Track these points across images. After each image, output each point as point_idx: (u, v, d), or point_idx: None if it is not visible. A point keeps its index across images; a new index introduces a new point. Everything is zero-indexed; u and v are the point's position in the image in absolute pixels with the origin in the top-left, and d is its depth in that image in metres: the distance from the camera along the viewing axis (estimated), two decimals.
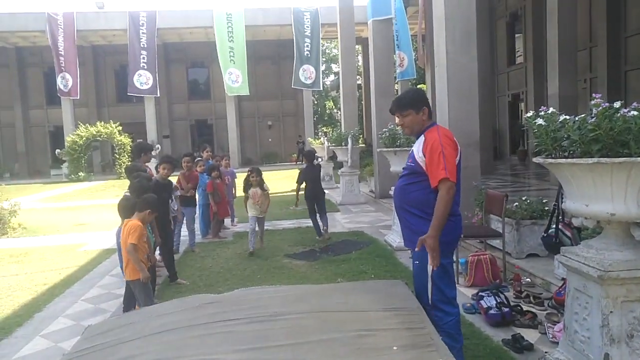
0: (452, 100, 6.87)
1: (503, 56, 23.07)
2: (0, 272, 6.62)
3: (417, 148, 3.03)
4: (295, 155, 31.40)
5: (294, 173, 11.49)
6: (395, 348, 2.37)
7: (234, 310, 2.91)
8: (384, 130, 7.43)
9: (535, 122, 2.88)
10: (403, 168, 3.19)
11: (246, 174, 7.18)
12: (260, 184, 7.04)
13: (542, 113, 2.89)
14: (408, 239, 3.11)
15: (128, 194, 5.35)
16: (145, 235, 4.16)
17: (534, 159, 3.03)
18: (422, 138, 3.04)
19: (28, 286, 5.91)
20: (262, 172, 7.28)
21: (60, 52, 24.59)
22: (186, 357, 2.55)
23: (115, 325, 3.09)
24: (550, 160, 2.81)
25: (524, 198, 5.87)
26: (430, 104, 3.21)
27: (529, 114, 3.01)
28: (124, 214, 4.45)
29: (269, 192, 7.36)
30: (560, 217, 4.37)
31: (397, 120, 3.19)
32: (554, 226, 4.37)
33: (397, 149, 6.93)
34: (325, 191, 8.75)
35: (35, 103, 30.98)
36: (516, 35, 22.43)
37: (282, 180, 17.82)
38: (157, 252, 5.80)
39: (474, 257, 5.13)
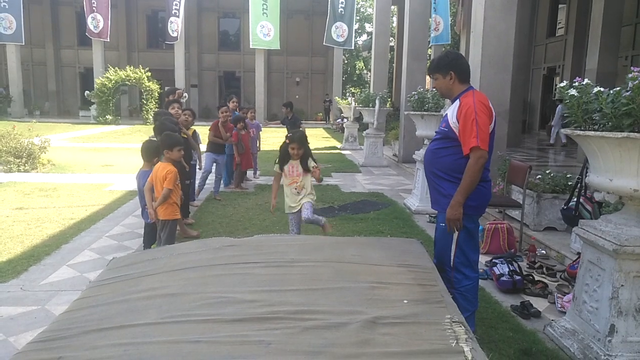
0: (485, 68, 6.73)
1: (543, 27, 22.24)
2: (31, 205, 6.89)
3: (452, 113, 3.00)
4: (321, 114, 31.24)
5: (319, 132, 11.54)
6: (405, 301, 2.44)
7: (252, 254, 3.01)
8: (412, 93, 7.35)
9: (568, 93, 2.84)
10: (435, 132, 3.19)
11: (283, 141, 4.71)
12: (304, 159, 4.61)
13: (577, 84, 2.84)
14: (435, 201, 3.14)
15: (153, 137, 5.48)
16: (178, 178, 4.29)
17: (562, 130, 3.00)
18: (457, 103, 3.00)
19: (56, 219, 6.16)
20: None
21: None
22: (205, 293, 2.67)
23: (139, 259, 3.23)
24: (578, 132, 2.78)
25: (547, 171, 5.82)
26: None
27: (562, 84, 2.96)
28: (146, 156, 4.58)
29: (319, 170, 4.72)
30: (582, 191, 4.33)
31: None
32: (575, 199, 4.35)
33: (424, 112, 6.86)
34: (347, 151, 8.81)
35: (66, 43, 31.19)
36: (559, 6, 21.54)
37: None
38: None
39: (492, 225, 5.15)
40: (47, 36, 30.51)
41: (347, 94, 33.07)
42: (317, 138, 17.61)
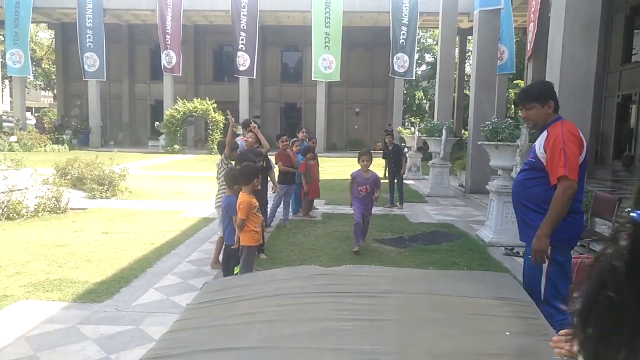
0: (563, 97, 6.50)
1: (617, 53, 21.38)
2: (115, 229, 7.28)
3: (539, 143, 2.97)
4: (380, 143, 31.20)
5: (380, 161, 11.53)
6: (507, 333, 2.38)
7: (344, 283, 3.04)
8: (487, 123, 7.24)
9: None
10: (524, 163, 3.15)
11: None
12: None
13: None
14: (523, 233, 3.08)
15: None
16: (256, 207, 4.41)
17: None
18: (545, 133, 2.97)
19: (138, 244, 6.46)
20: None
21: (167, 31, 26.05)
22: (302, 320, 2.72)
23: (232, 284, 3.33)
24: None
25: None
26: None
27: None
28: (228, 184, 4.83)
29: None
30: None
31: (521, 113, 3.15)
32: None
33: (499, 143, 6.74)
34: (410, 180, 8.61)
35: (140, 78, 33.12)
36: (635, 31, 20.69)
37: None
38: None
39: (577, 259, 4.91)
40: (123, 72, 32.55)
41: (407, 124, 32.92)
42: (379, 167, 17.60)
